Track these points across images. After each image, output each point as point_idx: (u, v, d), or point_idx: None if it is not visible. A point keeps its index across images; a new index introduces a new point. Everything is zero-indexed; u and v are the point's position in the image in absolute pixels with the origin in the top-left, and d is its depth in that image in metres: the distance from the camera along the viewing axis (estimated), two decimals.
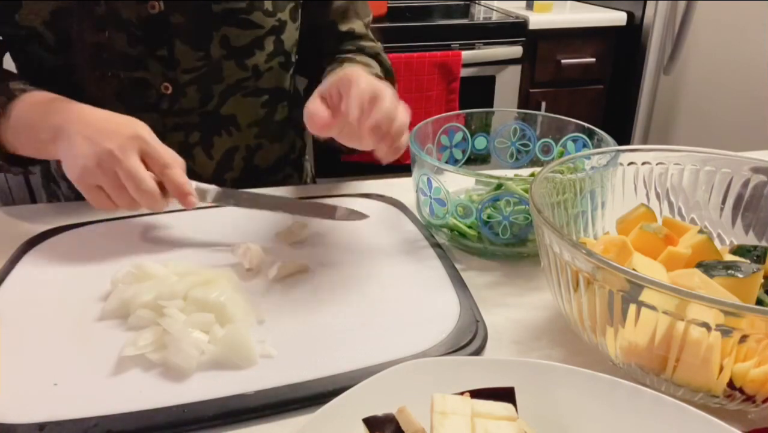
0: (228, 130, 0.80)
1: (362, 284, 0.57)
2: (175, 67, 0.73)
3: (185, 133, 0.78)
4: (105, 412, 0.41)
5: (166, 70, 0.73)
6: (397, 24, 1.94)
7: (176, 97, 0.75)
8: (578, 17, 2.07)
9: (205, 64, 0.75)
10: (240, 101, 0.79)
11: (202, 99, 0.77)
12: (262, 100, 0.81)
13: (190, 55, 0.73)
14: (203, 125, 0.78)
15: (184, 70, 0.74)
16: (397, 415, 0.33)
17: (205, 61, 0.74)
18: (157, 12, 0.70)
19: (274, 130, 0.86)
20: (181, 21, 0.71)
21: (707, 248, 0.49)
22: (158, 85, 0.74)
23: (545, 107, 2.12)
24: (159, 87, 0.74)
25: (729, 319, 0.36)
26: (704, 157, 0.56)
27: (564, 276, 0.45)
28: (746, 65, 1.97)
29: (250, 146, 0.83)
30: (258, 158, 0.85)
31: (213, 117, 0.79)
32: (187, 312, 0.50)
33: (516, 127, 0.74)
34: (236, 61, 0.76)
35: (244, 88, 0.79)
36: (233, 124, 0.80)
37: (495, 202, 0.59)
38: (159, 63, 0.73)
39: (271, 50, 0.78)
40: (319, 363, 0.46)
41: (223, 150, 0.81)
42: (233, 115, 0.80)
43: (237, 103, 0.79)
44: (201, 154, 0.80)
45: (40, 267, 0.59)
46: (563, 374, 0.38)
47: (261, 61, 0.78)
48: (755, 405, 0.40)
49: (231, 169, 0.83)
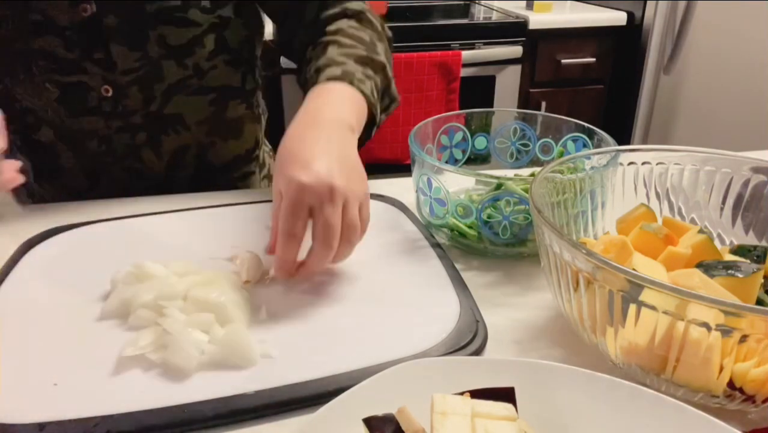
0: (175, 129, 0.79)
1: (362, 283, 0.57)
2: (113, 69, 0.72)
3: (131, 134, 0.76)
4: (105, 412, 0.41)
5: (105, 73, 0.72)
6: (397, 24, 1.94)
7: (118, 99, 0.74)
8: (578, 17, 2.07)
9: (144, 65, 0.73)
10: (185, 100, 0.77)
11: (145, 100, 0.75)
12: (209, 99, 0.79)
13: (127, 57, 0.72)
14: (148, 126, 0.77)
15: (122, 71, 0.72)
16: (397, 415, 0.33)
17: (144, 61, 0.73)
18: (90, 15, 0.69)
19: (228, 128, 0.83)
20: (115, 22, 0.70)
21: (707, 248, 0.49)
22: (98, 88, 0.73)
23: (545, 107, 2.12)
24: (99, 90, 0.73)
25: (729, 319, 0.36)
26: (704, 157, 0.56)
27: (564, 276, 0.45)
28: (746, 65, 1.97)
29: (202, 144, 0.81)
30: (212, 156, 0.83)
31: (158, 117, 0.77)
32: (187, 312, 0.50)
33: (516, 127, 0.74)
34: (175, 60, 0.74)
35: (188, 87, 0.77)
36: (180, 123, 0.78)
37: (495, 202, 0.59)
38: (97, 66, 0.72)
39: (212, 48, 0.76)
40: (319, 363, 0.46)
41: (172, 149, 0.79)
42: (179, 114, 0.78)
43: (182, 102, 0.77)
44: (150, 154, 0.79)
45: (40, 267, 0.59)
46: (563, 374, 0.38)
47: (202, 59, 0.76)
48: (755, 405, 0.40)
49: (183, 167, 0.81)
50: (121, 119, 0.75)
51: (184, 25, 0.72)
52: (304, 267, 0.54)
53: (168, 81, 0.75)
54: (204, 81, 0.77)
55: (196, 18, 0.73)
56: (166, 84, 0.75)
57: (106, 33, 0.70)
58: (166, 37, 0.72)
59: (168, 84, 0.75)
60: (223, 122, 0.82)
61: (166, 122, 0.78)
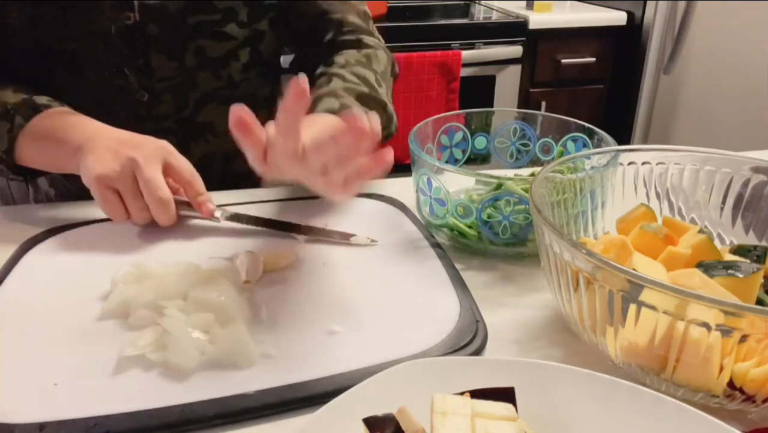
0: (205, 137, 0.81)
1: (362, 283, 0.57)
2: (150, 76, 0.75)
3: (162, 137, 0.77)
4: (105, 412, 0.41)
5: (143, 79, 0.75)
6: (397, 24, 1.94)
7: (152, 104, 0.76)
8: (578, 17, 2.07)
9: (180, 74, 0.76)
10: (216, 109, 0.80)
11: (178, 106, 0.78)
12: None
13: (165, 65, 0.75)
14: (179, 131, 0.79)
15: (159, 78, 0.75)
16: (397, 415, 0.33)
17: (180, 70, 0.75)
18: (133, 22, 0.71)
19: None
20: (157, 32, 0.73)
21: (707, 248, 0.49)
22: (135, 92, 0.75)
23: (545, 107, 2.12)
24: (135, 95, 0.75)
25: (729, 319, 0.36)
26: (704, 157, 0.56)
27: (564, 276, 0.45)
28: (746, 65, 1.97)
29: (228, 153, 0.83)
30: (237, 165, 0.84)
31: (189, 124, 0.80)
32: (187, 312, 0.49)
33: (516, 127, 0.74)
34: (211, 71, 0.77)
35: (219, 97, 0.79)
36: (210, 132, 0.81)
37: (495, 202, 0.59)
38: (135, 72, 0.74)
39: (246, 61, 0.79)
40: (319, 363, 0.46)
41: (198, 156, 0.81)
42: (210, 123, 0.81)
43: (213, 111, 0.80)
44: None
45: (40, 267, 0.59)
46: (563, 374, 0.38)
47: (236, 72, 0.79)
48: (755, 405, 0.40)
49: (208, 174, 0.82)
50: (154, 123, 0.77)
51: (221, 38, 0.76)
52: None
53: (202, 90, 0.78)
54: (235, 92, 0.80)
55: (233, 32, 0.76)
56: (200, 93, 0.78)
57: (146, 41, 0.73)
58: (204, 49, 0.75)
59: (201, 93, 0.78)
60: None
61: (197, 129, 0.80)
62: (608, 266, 0.39)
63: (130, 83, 0.75)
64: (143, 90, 0.75)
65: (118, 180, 0.60)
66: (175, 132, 0.79)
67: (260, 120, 0.84)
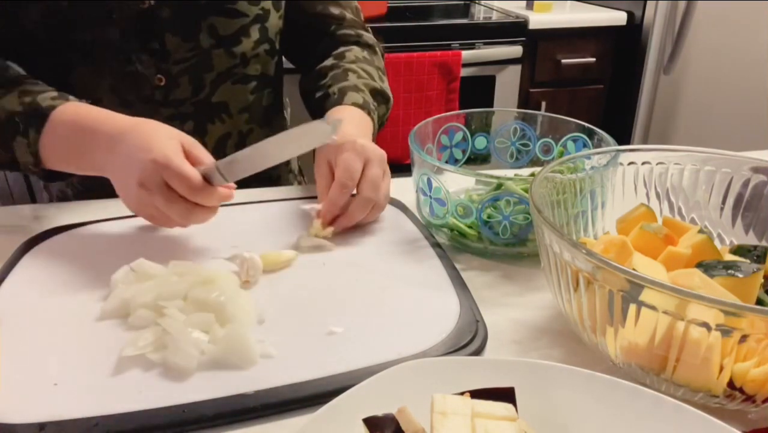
0: (220, 118, 0.83)
1: (362, 283, 0.57)
2: (167, 59, 0.76)
3: (180, 122, 0.79)
4: (105, 412, 0.41)
5: (159, 63, 0.75)
6: (397, 24, 1.94)
7: (169, 88, 0.77)
8: (578, 17, 2.07)
9: (195, 54, 0.77)
10: (230, 89, 0.81)
11: (195, 88, 0.79)
12: (251, 87, 0.84)
13: (180, 47, 0.76)
14: (197, 114, 0.80)
15: (175, 61, 0.76)
16: (397, 415, 0.33)
17: (195, 51, 0.76)
18: (147, 7, 0.72)
19: (262, 115, 0.88)
20: (170, 14, 0.74)
21: (707, 248, 0.49)
22: (152, 77, 0.76)
23: (545, 107, 2.12)
24: (152, 79, 0.76)
25: (729, 319, 0.36)
26: (704, 157, 0.56)
27: (564, 276, 0.45)
28: (746, 65, 1.97)
29: (242, 132, 0.85)
30: (249, 143, 0.86)
31: (206, 105, 0.81)
32: (187, 312, 0.50)
33: (516, 127, 0.74)
34: (225, 49, 0.78)
35: (233, 75, 0.81)
36: (225, 112, 0.83)
37: (495, 202, 0.59)
38: (151, 56, 0.75)
39: (257, 38, 0.81)
40: (319, 363, 0.46)
41: (216, 137, 0.83)
42: (225, 103, 0.82)
43: (227, 91, 0.81)
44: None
45: (40, 267, 0.59)
46: (563, 374, 0.38)
47: (248, 49, 0.80)
48: (755, 405, 0.40)
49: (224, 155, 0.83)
50: (172, 108, 0.79)
51: (233, 15, 0.77)
52: (344, 215, 0.64)
53: (217, 70, 0.79)
54: (247, 69, 0.82)
55: (244, 9, 0.78)
56: (215, 73, 0.79)
57: (161, 24, 0.74)
58: (216, 27, 0.77)
59: (217, 73, 0.79)
60: (259, 109, 0.87)
61: (213, 110, 0.82)
62: (608, 266, 0.39)
63: (147, 68, 0.75)
64: (160, 74, 0.76)
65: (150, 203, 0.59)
66: (192, 116, 0.80)
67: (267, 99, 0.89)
